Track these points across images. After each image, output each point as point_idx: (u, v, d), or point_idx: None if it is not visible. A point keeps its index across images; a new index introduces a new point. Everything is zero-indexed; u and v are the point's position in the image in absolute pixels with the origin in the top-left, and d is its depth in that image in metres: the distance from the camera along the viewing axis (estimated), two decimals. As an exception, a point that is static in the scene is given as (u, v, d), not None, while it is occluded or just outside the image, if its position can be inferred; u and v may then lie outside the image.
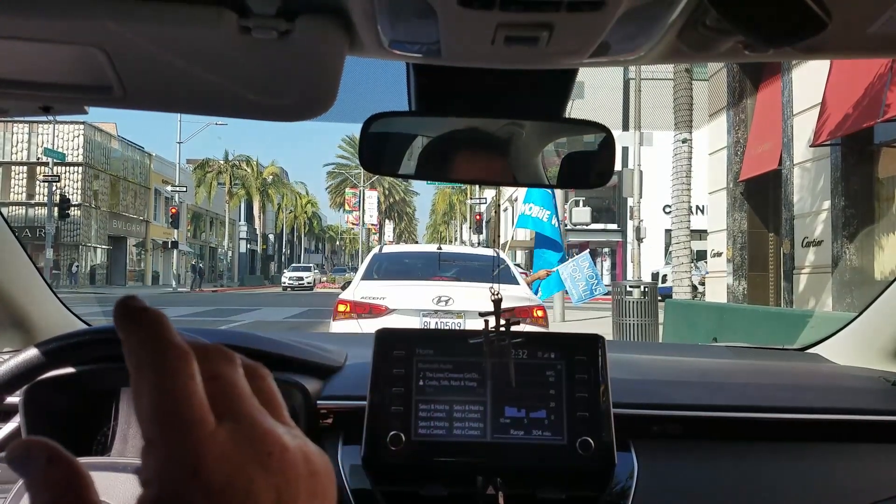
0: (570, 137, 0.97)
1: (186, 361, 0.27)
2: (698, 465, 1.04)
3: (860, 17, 0.56)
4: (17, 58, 0.69)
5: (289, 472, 0.28)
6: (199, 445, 0.26)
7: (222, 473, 0.26)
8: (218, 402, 0.28)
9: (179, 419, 0.26)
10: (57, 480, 0.27)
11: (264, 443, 0.28)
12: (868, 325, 1.38)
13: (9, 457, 0.27)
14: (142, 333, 0.27)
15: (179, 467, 0.26)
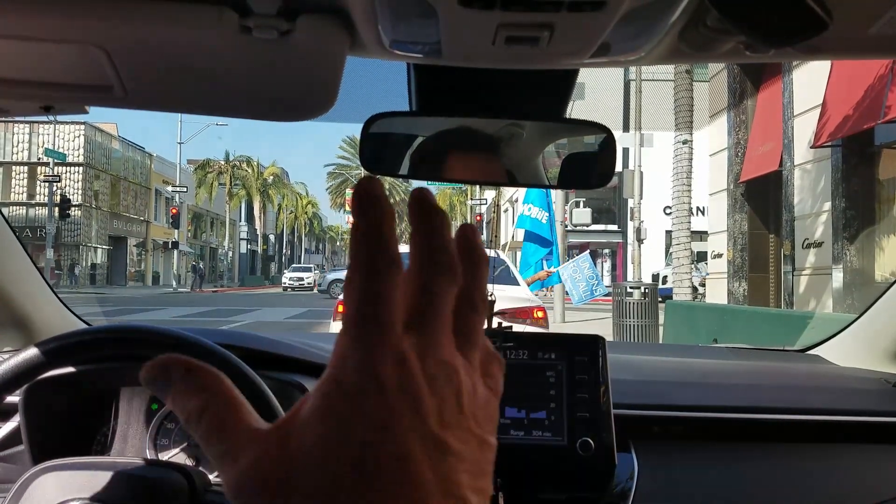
0: (571, 138, 0.97)
1: (394, 269, 0.27)
2: (698, 466, 1.04)
3: (861, 17, 0.56)
4: (18, 57, 0.69)
5: (449, 399, 0.27)
6: (380, 347, 0.26)
7: (395, 378, 0.26)
8: (415, 312, 0.27)
9: (371, 318, 0.26)
10: (200, 386, 0.27)
11: (438, 365, 0.27)
12: (869, 327, 1.38)
13: (146, 377, 0.28)
14: (365, 228, 0.27)
15: (360, 361, 0.26)
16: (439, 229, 0.29)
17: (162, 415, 1.07)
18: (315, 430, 0.25)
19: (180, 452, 1.04)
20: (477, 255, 0.31)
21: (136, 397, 1.08)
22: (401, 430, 0.25)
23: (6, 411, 1.02)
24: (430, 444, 0.26)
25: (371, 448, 0.25)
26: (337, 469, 0.25)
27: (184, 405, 0.27)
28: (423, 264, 0.28)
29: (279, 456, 0.26)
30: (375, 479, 0.24)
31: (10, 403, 0.94)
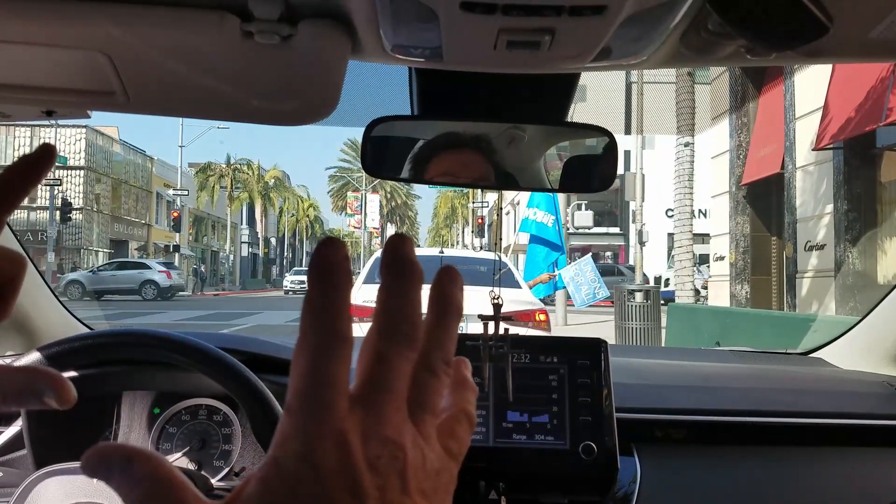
0: (573, 141, 0.97)
1: (343, 347, 0.27)
2: (701, 470, 1.04)
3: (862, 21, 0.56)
4: (20, 62, 0.69)
5: (391, 480, 0.27)
6: (320, 430, 0.26)
7: (334, 463, 0.26)
8: (366, 384, 0.27)
9: (313, 400, 0.26)
10: (141, 475, 0.27)
11: (381, 445, 0.27)
12: (871, 329, 1.38)
13: (86, 466, 0.28)
14: (317, 301, 0.27)
15: (300, 445, 0.26)
16: (406, 291, 0.28)
17: (164, 419, 1.07)
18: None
19: (182, 457, 1.04)
20: (449, 309, 0.30)
21: (137, 401, 1.08)
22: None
23: (8, 416, 1.03)
24: None
25: None
26: None
27: (126, 494, 0.27)
28: (382, 329, 0.28)
29: None
30: None
31: (13, 408, 0.94)
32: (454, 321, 0.30)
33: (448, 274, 0.30)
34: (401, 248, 0.29)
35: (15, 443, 1.02)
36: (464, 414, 0.31)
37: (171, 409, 1.07)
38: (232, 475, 1.03)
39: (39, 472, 0.82)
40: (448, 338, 0.30)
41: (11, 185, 0.35)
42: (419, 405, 0.28)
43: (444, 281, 0.30)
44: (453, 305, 0.30)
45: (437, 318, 0.30)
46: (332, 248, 0.27)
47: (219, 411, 1.07)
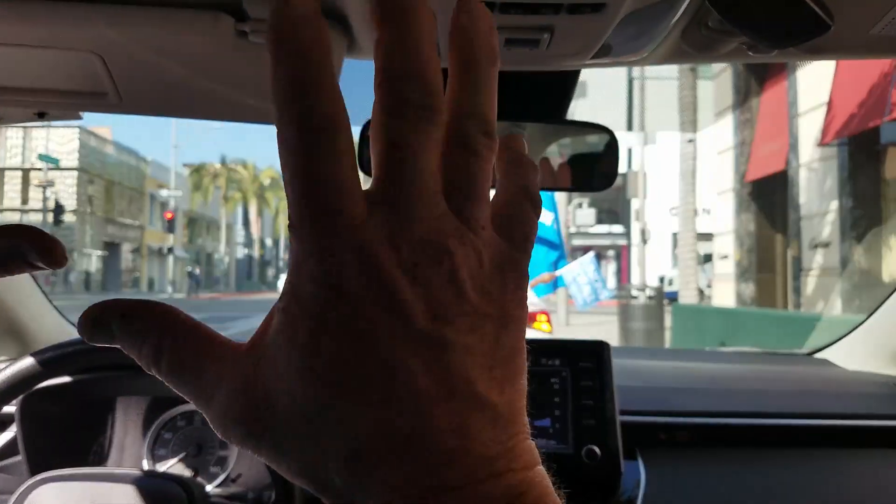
0: (574, 139, 0.96)
1: (340, 131, 0.20)
2: (706, 473, 1.03)
3: (864, 17, 0.56)
4: (11, 64, 0.68)
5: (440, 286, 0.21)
6: (335, 244, 0.20)
7: (358, 280, 0.20)
8: (384, 177, 0.21)
9: (318, 210, 0.20)
10: (145, 329, 0.23)
11: (417, 248, 0.21)
12: (876, 329, 1.36)
13: (84, 333, 0.24)
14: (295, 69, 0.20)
15: (314, 268, 0.21)
16: (413, 38, 0.21)
17: (159, 424, 1.06)
18: (284, 353, 0.21)
19: (178, 463, 1.03)
20: (478, 54, 0.22)
21: (132, 406, 1.07)
22: (381, 338, 0.20)
23: (3, 421, 1.02)
24: (421, 346, 0.20)
25: (348, 366, 0.20)
26: (316, 393, 0.20)
27: (137, 355, 0.23)
28: (386, 103, 0.21)
29: (253, 386, 0.21)
30: (361, 397, 0.20)
31: (7, 414, 0.93)
32: (489, 70, 0.22)
33: (469, 9, 0.22)
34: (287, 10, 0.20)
35: (10, 448, 1.01)
36: (523, 193, 0.25)
37: (166, 415, 1.06)
38: (229, 481, 1.02)
39: (34, 478, 0.81)
40: (484, 96, 0.22)
41: None
42: (458, 192, 0.22)
43: (463, 20, 0.22)
44: (484, 48, 0.22)
45: (463, 70, 0.22)
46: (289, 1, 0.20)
47: (216, 416, 1.06)
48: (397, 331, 0.20)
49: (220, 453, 1.04)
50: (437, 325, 0.21)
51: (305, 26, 0.20)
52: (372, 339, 0.20)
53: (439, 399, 0.20)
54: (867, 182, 7.67)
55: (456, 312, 0.21)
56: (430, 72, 0.21)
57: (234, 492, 1.00)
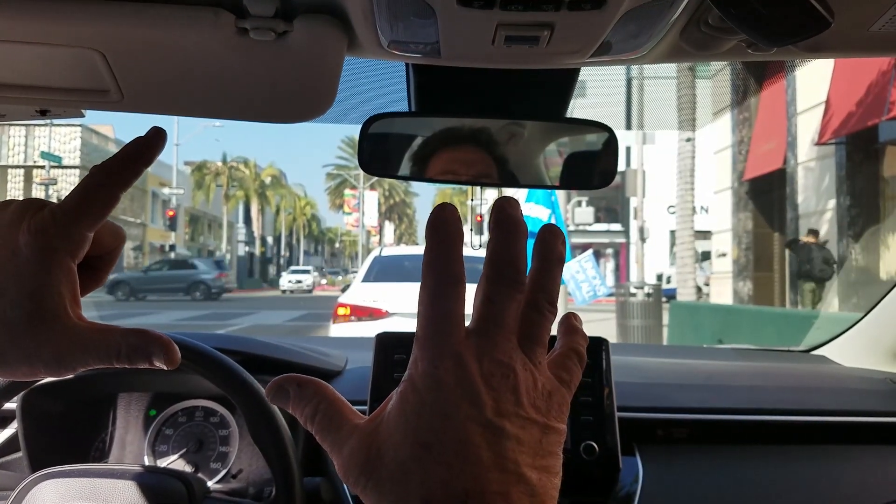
0: (573, 137, 0.96)
1: (457, 288, 0.32)
2: (704, 469, 1.03)
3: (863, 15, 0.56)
4: (12, 62, 0.68)
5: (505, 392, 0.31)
6: (442, 352, 0.31)
7: (453, 377, 0.31)
8: (480, 319, 0.32)
9: (436, 331, 0.31)
10: (311, 394, 0.34)
11: (494, 364, 0.31)
12: (873, 326, 1.37)
13: (270, 395, 0.35)
14: (435, 251, 0.32)
15: (426, 365, 0.31)
16: (510, 241, 0.33)
17: (160, 421, 1.06)
18: (395, 420, 0.31)
19: (179, 459, 1.03)
20: (551, 257, 0.35)
21: (133, 403, 1.08)
22: (460, 418, 0.30)
23: (4, 418, 1.02)
24: (487, 430, 0.30)
25: (436, 433, 0.30)
26: (411, 450, 0.30)
27: (300, 412, 0.34)
28: (489, 275, 0.33)
29: (370, 443, 0.32)
30: (440, 457, 0.30)
31: (8, 410, 0.94)
32: (556, 268, 0.35)
33: (551, 229, 0.35)
34: (507, 208, 0.34)
35: (10, 445, 1.01)
36: (573, 351, 0.36)
37: (167, 411, 1.07)
38: (229, 477, 1.02)
39: (35, 474, 0.82)
40: (551, 282, 0.34)
41: (126, 164, 0.39)
42: (527, 338, 0.33)
43: (546, 234, 0.35)
44: (554, 254, 0.35)
45: (540, 264, 0.34)
46: (445, 209, 0.33)
47: (215, 413, 1.06)
48: (473, 417, 0.30)
49: (221, 449, 1.04)
50: (499, 418, 0.30)
51: (450, 224, 0.33)
52: (454, 419, 0.30)
53: (492, 469, 0.30)
54: (865, 180, 7.68)
55: (512, 413, 0.31)
56: (521, 259, 0.33)
57: (234, 487, 1.00)
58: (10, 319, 0.35)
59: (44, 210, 0.37)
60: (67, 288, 0.36)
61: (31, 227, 0.36)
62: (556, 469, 0.32)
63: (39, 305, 0.35)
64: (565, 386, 0.34)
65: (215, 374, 0.84)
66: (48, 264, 0.36)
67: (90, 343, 0.36)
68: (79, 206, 0.37)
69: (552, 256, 0.35)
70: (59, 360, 0.36)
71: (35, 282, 0.35)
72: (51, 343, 0.35)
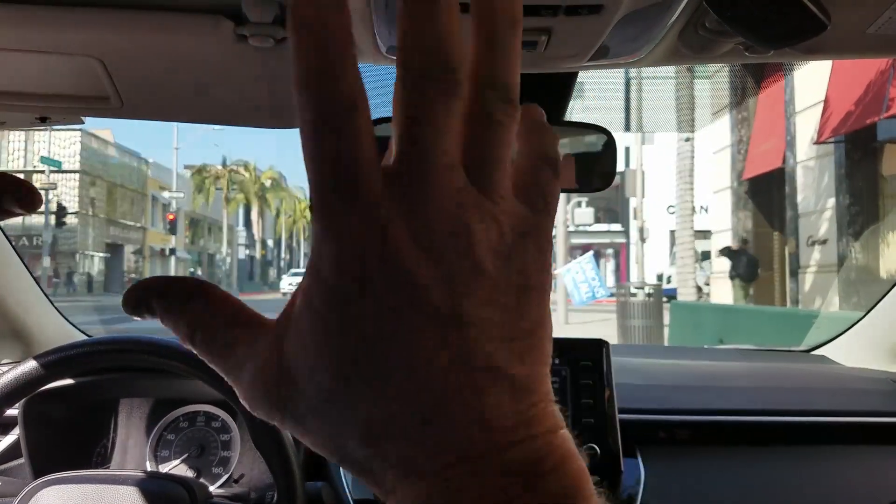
0: (572, 140, 0.96)
1: (357, 111, 0.20)
2: (706, 471, 1.03)
3: (859, 17, 0.56)
4: (13, 69, 0.68)
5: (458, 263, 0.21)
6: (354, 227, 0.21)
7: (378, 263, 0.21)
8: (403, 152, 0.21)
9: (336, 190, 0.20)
10: (182, 309, 0.24)
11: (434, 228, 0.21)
12: (874, 326, 1.37)
13: (128, 310, 0.25)
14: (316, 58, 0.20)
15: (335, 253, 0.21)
16: (427, 15, 0.20)
17: (162, 426, 1.06)
18: (305, 331, 0.22)
19: (181, 464, 1.03)
20: (499, 21, 0.22)
21: (135, 409, 1.08)
22: (398, 315, 0.21)
23: (6, 424, 1.02)
24: (437, 324, 0.21)
25: (365, 345, 0.21)
26: (334, 371, 0.21)
27: (175, 331, 0.24)
28: (406, 75, 0.20)
29: (277, 363, 0.22)
30: (378, 375, 0.21)
31: (10, 416, 0.94)
32: (512, 38, 0.22)
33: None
34: None
35: (12, 451, 1.01)
36: (543, 159, 0.24)
37: (169, 416, 1.07)
38: (231, 482, 1.02)
39: (38, 481, 0.82)
40: (506, 65, 0.22)
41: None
42: (479, 164, 0.21)
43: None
44: (507, 13, 0.22)
45: (485, 38, 0.22)
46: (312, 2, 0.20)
47: (217, 417, 1.06)
48: (414, 310, 0.20)
49: (223, 454, 1.05)
50: (454, 301, 0.21)
51: (329, 9, 0.20)
52: (388, 320, 0.20)
53: (457, 374, 0.21)
54: (864, 179, 7.68)
55: (473, 287, 0.21)
56: (449, 43, 0.20)
57: (236, 492, 1.00)
58: None
59: None
60: None
61: None
62: (543, 344, 0.23)
63: None
64: (542, 214, 0.23)
65: (216, 378, 0.84)
66: None
67: None
68: None
69: (497, 19, 0.22)
70: None
71: None
72: None
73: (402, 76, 0.21)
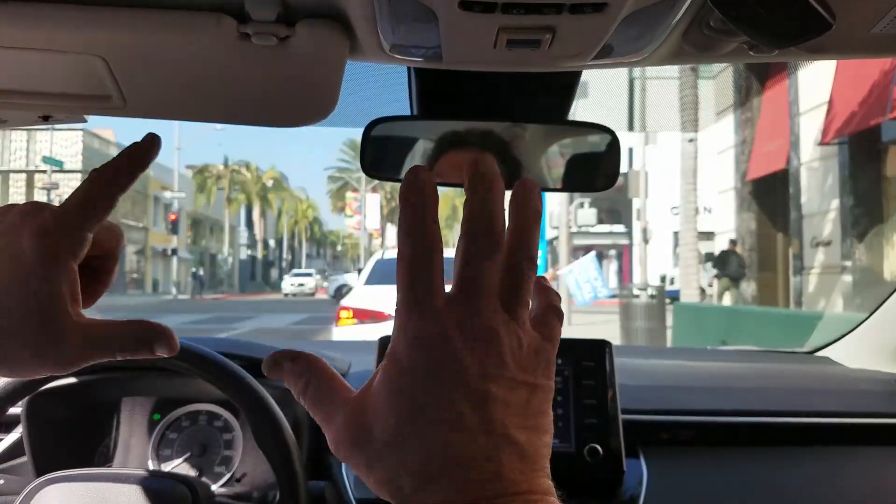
0: (575, 140, 0.96)
1: (435, 256, 0.32)
2: (708, 471, 1.03)
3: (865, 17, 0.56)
4: (15, 68, 0.68)
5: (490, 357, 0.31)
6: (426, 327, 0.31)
7: (438, 350, 0.31)
8: (460, 284, 0.32)
9: (416, 303, 0.32)
10: (303, 369, 0.35)
11: (477, 331, 0.32)
12: (877, 327, 1.36)
13: (266, 369, 0.35)
14: (413, 217, 0.32)
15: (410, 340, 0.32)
16: (486, 199, 0.32)
17: (164, 425, 1.07)
18: (382, 392, 0.32)
19: (183, 463, 1.03)
20: (528, 213, 0.34)
21: (137, 407, 1.08)
22: (445, 386, 0.31)
23: (8, 423, 1.02)
24: (473, 396, 0.30)
25: (421, 403, 0.31)
26: (398, 421, 0.31)
27: (293, 385, 0.35)
28: (466, 236, 0.32)
29: (360, 415, 0.32)
30: (427, 426, 0.30)
31: (13, 415, 0.94)
32: (534, 223, 0.34)
33: (525, 184, 0.35)
34: (482, 164, 0.33)
35: (15, 450, 1.01)
36: (551, 308, 0.36)
37: (171, 415, 1.07)
38: (233, 481, 1.02)
39: (40, 479, 0.82)
40: (530, 238, 0.34)
41: (123, 168, 0.40)
42: (510, 297, 0.33)
43: (522, 189, 0.34)
44: (531, 209, 0.34)
45: (517, 221, 0.34)
46: (418, 173, 0.33)
47: (219, 417, 1.07)
48: (457, 384, 0.31)
49: (225, 453, 1.05)
50: (484, 383, 0.31)
51: (424, 189, 0.33)
52: (440, 388, 0.31)
53: (481, 434, 0.30)
54: (868, 180, 7.66)
55: (498, 376, 0.31)
56: (498, 221, 0.33)
57: (239, 491, 1.00)
58: (14, 321, 0.37)
59: (45, 212, 0.38)
60: (68, 287, 0.38)
61: (34, 230, 0.37)
62: (545, 427, 0.32)
63: (43, 306, 0.37)
64: (549, 342, 0.34)
65: (219, 378, 0.84)
66: (50, 265, 0.37)
67: (93, 338, 0.38)
68: (79, 209, 0.38)
69: (528, 212, 0.34)
70: (63, 356, 0.37)
71: (38, 283, 0.37)
72: (55, 341, 0.37)
73: (465, 235, 0.32)
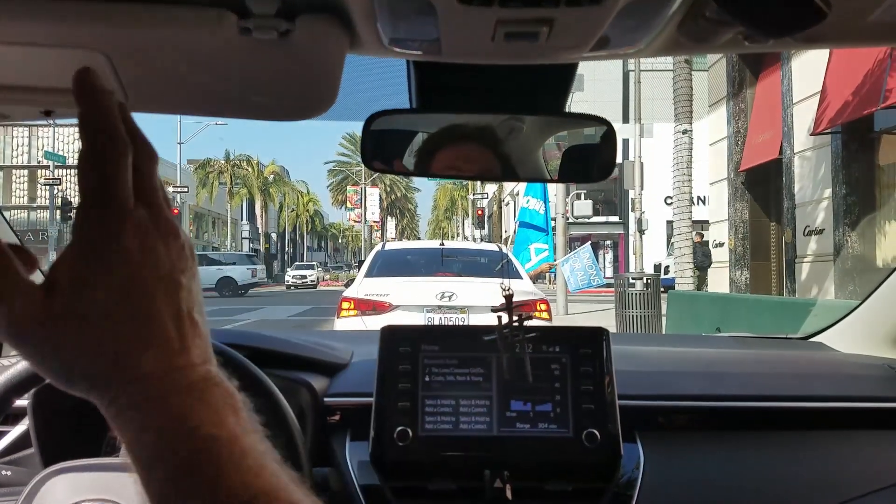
0: (571, 131, 0.97)
1: (124, 153, 0.35)
2: (704, 455, 1.04)
3: (860, 5, 0.56)
4: (18, 63, 0.69)
5: (179, 252, 0.37)
6: (121, 219, 0.34)
7: (136, 243, 0.35)
8: (137, 189, 0.36)
9: (110, 196, 0.34)
10: None
11: (167, 227, 0.37)
12: (871, 313, 1.38)
13: None
14: (95, 116, 0.35)
15: (103, 233, 0.34)
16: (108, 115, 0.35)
17: (170, 415, 1.07)
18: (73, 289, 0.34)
19: (189, 452, 1.04)
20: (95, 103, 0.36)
21: (143, 398, 1.08)
22: (145, 284, 0.35)
23: (16, 415, 1.03)
24: (167, 285, 0.36)
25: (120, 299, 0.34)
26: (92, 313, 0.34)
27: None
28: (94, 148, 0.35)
29: (44, 306, 0.34)
30: (126, 318, 0.34)
31: (20, 407, 0.95)
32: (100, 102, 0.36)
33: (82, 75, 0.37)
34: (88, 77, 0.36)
35: (22, 441, 1.02)
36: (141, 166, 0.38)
37: None
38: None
39: (47, 470, 0.83)
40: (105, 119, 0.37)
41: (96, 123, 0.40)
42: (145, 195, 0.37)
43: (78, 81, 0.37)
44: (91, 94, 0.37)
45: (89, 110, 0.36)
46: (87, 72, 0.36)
47: (224, 406, 1.07)
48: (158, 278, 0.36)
49: (229, 443, 1.05)
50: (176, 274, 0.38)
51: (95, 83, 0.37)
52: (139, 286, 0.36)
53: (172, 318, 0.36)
54: (860, 169, 7.69)
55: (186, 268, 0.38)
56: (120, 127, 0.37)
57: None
58: None
59: None
60: None
61: None
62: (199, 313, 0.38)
63: None
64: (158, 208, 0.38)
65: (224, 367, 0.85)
66: None
67: None
68: None
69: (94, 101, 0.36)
70: None
71: None
72: None
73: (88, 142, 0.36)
